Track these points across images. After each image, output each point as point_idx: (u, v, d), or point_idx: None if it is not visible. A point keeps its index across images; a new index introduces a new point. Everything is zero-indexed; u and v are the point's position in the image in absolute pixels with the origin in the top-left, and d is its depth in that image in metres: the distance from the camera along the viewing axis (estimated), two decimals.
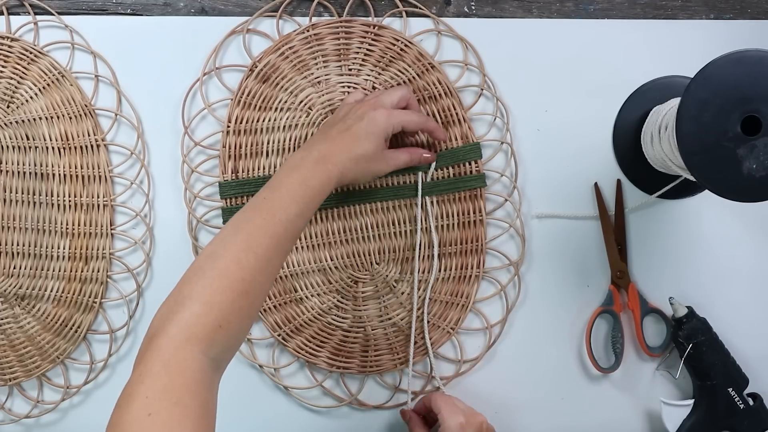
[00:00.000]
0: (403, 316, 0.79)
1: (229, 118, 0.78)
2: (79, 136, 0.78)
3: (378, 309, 0.79)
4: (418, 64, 0.78)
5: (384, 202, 0.78)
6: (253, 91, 0.78)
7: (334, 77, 0.78)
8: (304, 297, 0.79)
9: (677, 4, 0.79)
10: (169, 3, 0.79)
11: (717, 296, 0.80)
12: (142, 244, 0.80)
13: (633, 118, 0.79)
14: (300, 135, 0.78)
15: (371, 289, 0.79)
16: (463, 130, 0.78)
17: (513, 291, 0.80)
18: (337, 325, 0.79)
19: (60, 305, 0.79)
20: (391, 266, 0.79)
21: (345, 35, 0.78)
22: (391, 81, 0.77)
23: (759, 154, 0.60)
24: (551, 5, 0.79)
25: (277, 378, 0.80)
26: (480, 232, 0.78)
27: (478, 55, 0.79)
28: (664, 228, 0.80)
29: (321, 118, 0.77)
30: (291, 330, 0.79)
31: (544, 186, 0.79)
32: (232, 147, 0.78)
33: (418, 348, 0.79)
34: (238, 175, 0.78)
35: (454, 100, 0.78)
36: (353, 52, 0.78)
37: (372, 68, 0.78)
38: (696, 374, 0.78)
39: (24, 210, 0.78)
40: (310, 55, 0.78)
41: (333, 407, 0.80)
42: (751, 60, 0.60)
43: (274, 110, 0.78)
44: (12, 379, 0.80)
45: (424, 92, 0.78)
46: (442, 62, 0.78)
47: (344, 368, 0.79)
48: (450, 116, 0.78)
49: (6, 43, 0.78)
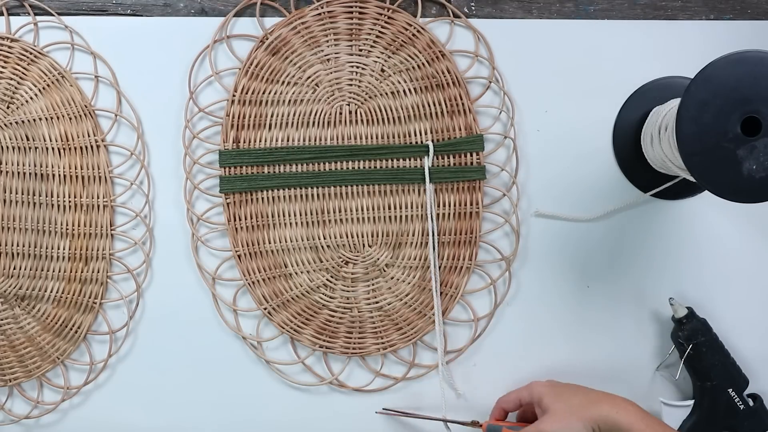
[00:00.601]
0: (391, 300, 0.79)
1: (236, 88, 0.78)
2: (79, 137, 0.78)
3: (366, 292, 0.79)
4: (428, 50, 0.78)
5: (382, 185, 0.78)
6: (261, 63, 0.78)
7: (344, 56, 0.78)
8: (294, 273, 0.79)
9: (677, 5, 0.79)
10: (169, 3, 0.79)
11: (717, 297, 0.80)
12: (142, 244, 0.80)
13: (633, 119, 0.79)
14: (304, 111, 0.78)
15: (361, 271, 0.79)
16: (468, 121, 0.78)
17: (503, 286, 0.80)
18: (324, 304, 0.79)
19: (60, 306, 0.79)
20: (383, 250, 0.79)
21: (359, 15, 0.78)
22: (400, 65, 0.78)
23: (759, 155, 0.60)
24: (551, 6, 0.79)
25: (260, 351, 0.80)
26: (475, 224, 0.78)
27: (489, 47, 0.79)
28: (665, 228, 0.80)
29: (327, 96, 0.78)
30: (278, 305, 0.79)
31: (545, 184, 0.79)
32: (236, 116, 0.78)
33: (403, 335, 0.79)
34: (239, 144, 0.78)
35: (461, 90, 0.78)
36: (365, 32, 0.78)
37: (382, 51, 0.78)
38: (696, 375, 0.78)
39: (24, 211, 0.78)
40: (322, 32, 0.78)
41: (312, 385, 0.80)
42: (751, 61, 0.60)
43: (281, 83, 0.78)
44: (12, 380, 0.80)
45: (432, 80, 0.78)
46: (452, 51, 0.78)
47: (327, 348, 0.79)
48: (456, 106, 0.78)
49: (6, 44, 0.78)
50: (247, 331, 0.80)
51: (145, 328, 0.80)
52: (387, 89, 0.78)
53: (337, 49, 0.78)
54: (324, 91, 0.78)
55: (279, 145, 0.78)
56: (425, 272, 0.79)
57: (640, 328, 0.80)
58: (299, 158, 0.78)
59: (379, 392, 0.81)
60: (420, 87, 0.78)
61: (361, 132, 0.79)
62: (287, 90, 0.78)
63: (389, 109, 0.78)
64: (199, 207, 0.80)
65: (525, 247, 0.80)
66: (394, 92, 0.78)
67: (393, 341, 0.80)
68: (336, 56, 0.78)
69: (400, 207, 0.79)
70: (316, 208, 0.79)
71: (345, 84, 0.78)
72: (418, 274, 0.79)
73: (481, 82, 0.79)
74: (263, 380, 0.80)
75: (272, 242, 0.79)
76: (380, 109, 0.78)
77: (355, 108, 0.78)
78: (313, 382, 0.80)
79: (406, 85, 0.78)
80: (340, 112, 0.78)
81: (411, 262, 0.79)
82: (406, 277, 0.79)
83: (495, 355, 0.80)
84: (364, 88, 0.78)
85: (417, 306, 0.79)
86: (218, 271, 0.79)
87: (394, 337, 0.80)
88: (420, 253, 0.79)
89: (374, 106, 0.78)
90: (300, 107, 0.78)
